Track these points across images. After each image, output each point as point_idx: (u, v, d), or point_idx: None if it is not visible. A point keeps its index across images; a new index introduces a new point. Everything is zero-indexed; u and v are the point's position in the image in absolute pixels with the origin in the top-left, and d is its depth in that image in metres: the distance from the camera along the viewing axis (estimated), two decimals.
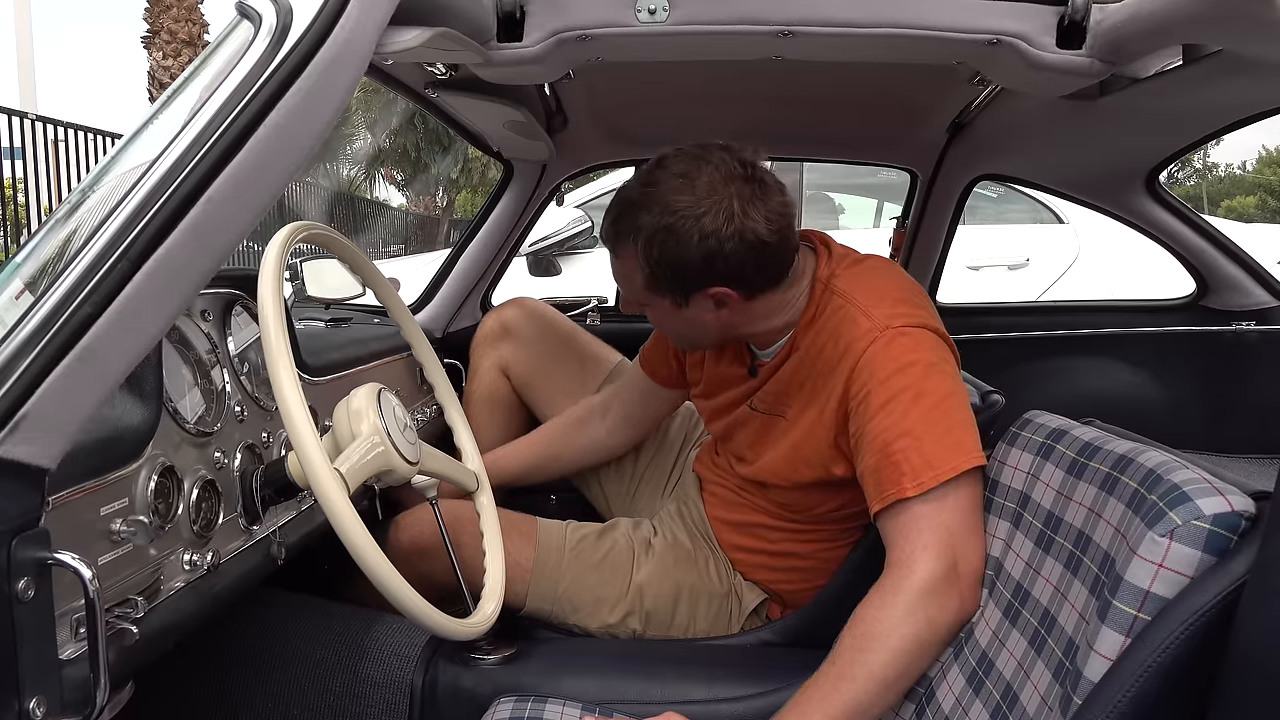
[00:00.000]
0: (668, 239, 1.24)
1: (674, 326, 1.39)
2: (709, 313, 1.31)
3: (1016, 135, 1.96)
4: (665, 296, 1.31)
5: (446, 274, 2.26)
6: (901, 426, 1.17)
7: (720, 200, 1.22)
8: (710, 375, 1.52)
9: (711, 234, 1.22)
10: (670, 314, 1.34)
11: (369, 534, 1.00)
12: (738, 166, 1.24)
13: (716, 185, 1.23)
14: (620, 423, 1.73)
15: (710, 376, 1.52)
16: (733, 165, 1.24)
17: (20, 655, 0.71)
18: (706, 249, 1.23)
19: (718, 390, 1.50)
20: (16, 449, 0.69)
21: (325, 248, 1.23)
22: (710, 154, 1.25)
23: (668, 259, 1.25)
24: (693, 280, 1.27)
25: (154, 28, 15.79)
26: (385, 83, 1.60)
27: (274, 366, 1.00)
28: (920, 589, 1.08)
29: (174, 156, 0.75)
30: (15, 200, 8.65)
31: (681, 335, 1.44)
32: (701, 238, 1.22)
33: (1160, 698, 0.77)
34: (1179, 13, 1.01)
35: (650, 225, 1.24)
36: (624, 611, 1.50)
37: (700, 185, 1.23)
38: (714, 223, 1.22)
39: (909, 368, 1.20)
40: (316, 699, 1.31)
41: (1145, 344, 2.44)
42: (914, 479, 1.14)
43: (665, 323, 1.39)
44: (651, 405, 1.71)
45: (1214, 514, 0.79)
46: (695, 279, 1.27)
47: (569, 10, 1.16)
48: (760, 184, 1.25)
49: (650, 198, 1.25)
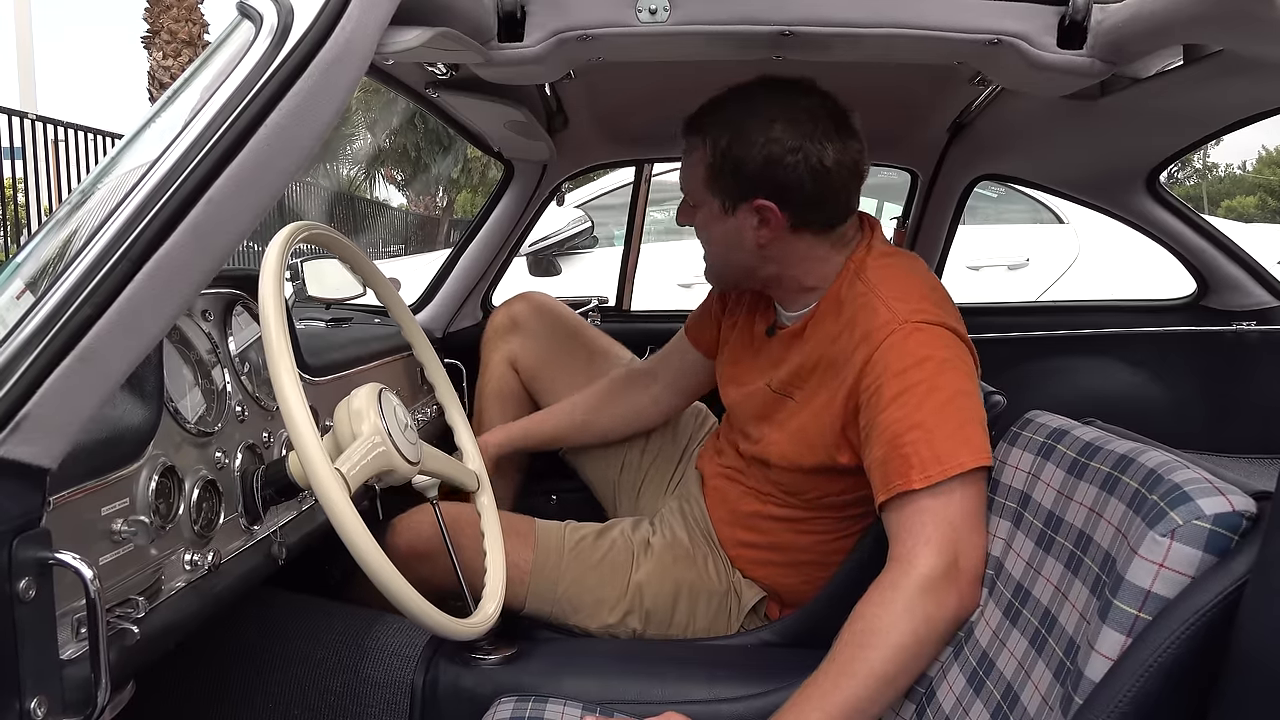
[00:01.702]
0: (737, 134, 1.30)
1: (715, 236, 1.41)
2: (750, 229, 1.35)
3: (1017, 135, 1.96)
4: (717, 198, 1.35)
5: (447, 274, 2.26)
6: (913, 419, 1.17)
7: (800, 120, 1.29)
8: (738, 338, 1.54)
9: (777, 141, 1.29)
10: (715, 219, 1.38)
11: (370, 534, 1.00)
12: (830, 105, 1.32)
13: (802, 108, 1.30)
14: (666, 390, 1.75)
15: (738, 339, 1.54)
16: (825, 102, 1.32)
17: (21, 655, 0.71)
18: (769, 154, 1.29)
19: (741, 355, 1.53)
20: (18, 449, 0.69)
21: (326, 248, 1.23)
22: (810, 87, 1.33)
23: (732, 156, 1.31)
24: (747, 184, 1.32)
25: (154, 28, 15.80)
26: (386, 83, 1.60)
27: (275, 366, 1.00)
28: (920, 585, 1.08)
29: (175, 157, 0.75)
30: (15, 200, 8.65)
31: (719, 250, 1.44)
32: (768, 141, 1.29)
33: (1161, 697, 0.77)
34: (1180, 13, 1.01)
35: (727, 120, 1.31)
36: (624, 611, 1.50)
37: (788, 103, 1.30)
38: (784, 133, 1.29)
39: (925, 362, 1.20)
40: (317, 699, 1.31)
41: (1146, 344, 2.44)
42: (922, 472, 1.14)
43: (709, 230, 1.41)
44: (693, 375, 1.72)
45: (1215, 514, 0.79)
46: (750, 183, 1.31)
47: (569, 10, 1.16)
48: (845, 127, 1.32)
49: (737, 99, 1.33)
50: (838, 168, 1.31)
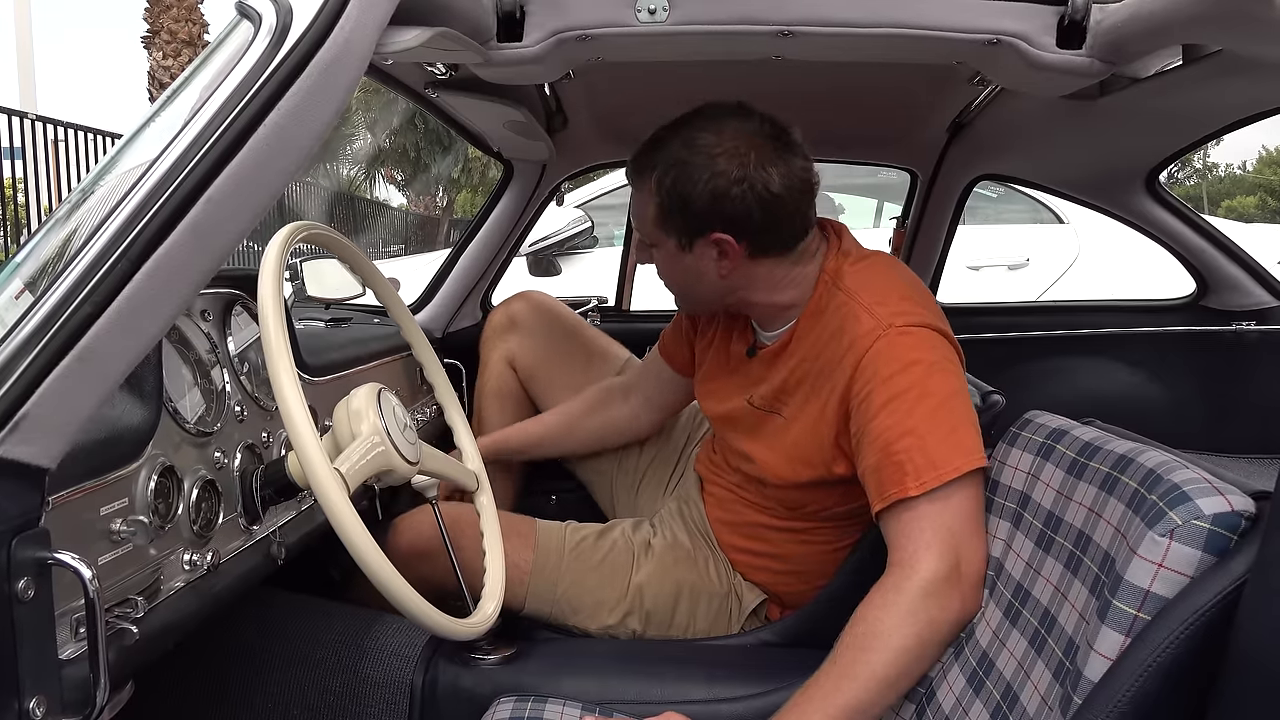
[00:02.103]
0: (680, 173, 1.28)
1: (676, 274, 1.40)
2: (710, 261, 1.33)
3: (1016, 135, 1.96)
4: (671, 236, 1.34)
5: (446, 274, 2.26)
6: (905, 425, 1.17)
7: (740, 148, 1.27)
8: (714, 357, 1.52)
9: (722, 174, 1.26)
10: (674, 258, 1.36)
11: (369, 534, 1.00)
12: (768, 126, 1.29)
13: (741, 135, 1.28)
14: (643, 406, 1.75)
15: (714, 359, 1.52)
16: (763, 124, 1.29)
17: (20, 655, 0.71)
18: (715, 188, 1.27)
19: (719, 374, 1.50)
20: (16, 449, 0.69)
21: (325, 248, 1.23)
22: (747, 111, 1.31)
23: (677, 194, 1.29)
24: (697, 221, 1.30)
25: (154, 28, 15.80)
26: (385, 83, 1.60)
27: (274, 366, 0.99)
28: (922, 589, 1.08)
29: (174, 156, 0.75)
30: (15, 200, 8.65)
31: (683, 286, 1.43)
32: (712, 176, 1.27)
33: (1160, 697, 0.77)
34: (1179, 13, 1.01)
35: (668, 158, 1.30)
36: (624, 612, 1.50)
37: (726, 132, 1.28)
38: (727, 165, 1.26)
39: (912, 366, 1.20)
40: (316, 699, 1.31)
41: (1145, 344, 2.44)
42: (917, 478, 1.13)
43: (669, 268, 1.40)
44: (670, 392, 1.71)
45: (1214, 514, 0.79)
46: (700, 220, 1.30)
47: (569, 10, 1.16)
48: (786, 146, 1.30)
49: (676, 134, 1.31)
50: (786, 191, 1.28)
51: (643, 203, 1.36)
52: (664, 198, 1.30)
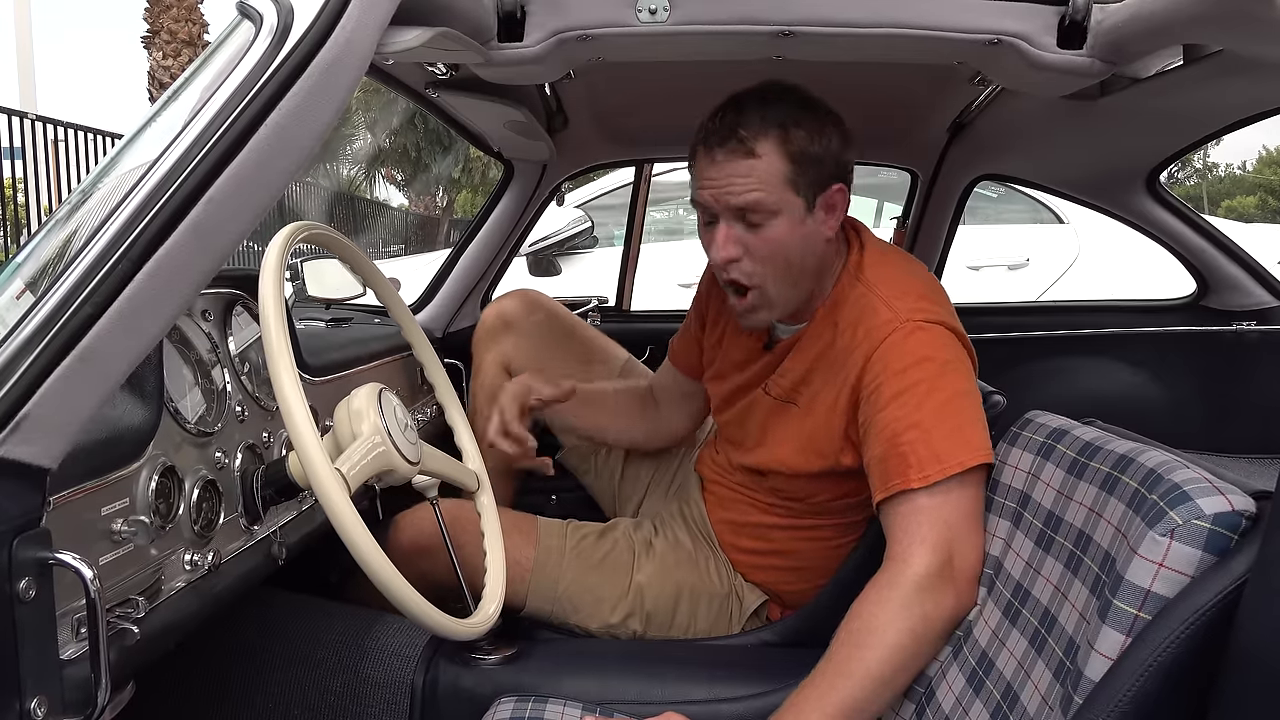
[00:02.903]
0: (811, 127, 1.27)
1: (794, 244, 1.29)
2: (822, 223, 1.30)
3: (1017, 135, 1.96)
4: (801, 196, 1.27)
5: (447, 274, 2.26)
6: (912, 418, 1.17)
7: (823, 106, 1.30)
8: (727, 353, 1.51)
9: (837, 125, 1.30)
10: (797, 224, 1.28)
11: (370, 534, 1.00)
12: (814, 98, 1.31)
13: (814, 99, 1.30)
14: (673, 415, 1.72)
15: (727, 355, 1.51)
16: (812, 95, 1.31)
17: (21, 655, 0.71)
18: (840, 137, 1.29)
19: (731, 372, 1.49)
20: (18, 449, 0.69)
21: (326, 248, 1.23)
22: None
23: (811, 149, 1.27)
24: (826, 174, 1.29)
25: (154, 28, 15.81)
26: (385, 83, 1.60)
27: (275, 366, 0.99)
28: (916, 584, 1.09)
29: (175, 156, 0.75)
30: (15, 200, 8.65)
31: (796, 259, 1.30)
32: (833, 126, 1.29)
33: (1161, 697, 0.77)
34: (1180, 13, 1.01)
35: (788, 115, 1.27)
36: (625, 612, 1.50)
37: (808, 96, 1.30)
38: (828, 115, 1.30)
39: (925, 362, 1.20)
40: (317, 699, 1.31)
41: (1145, 344, 2.44)
42: (919, 471, 1.14)
43: (787, 239, 1.28)
44: (697, 399, 1.68)
45: (1214, 513, 0.79)
46: (828, 173, 1.29)
47: (569, 10, 1.16)
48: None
49: (773, 101, 1.27)
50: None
51: (764, 167, 1.25)
52: (799, 152, 1.26)
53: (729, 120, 1.26)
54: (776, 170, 1.25)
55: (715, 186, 1.27)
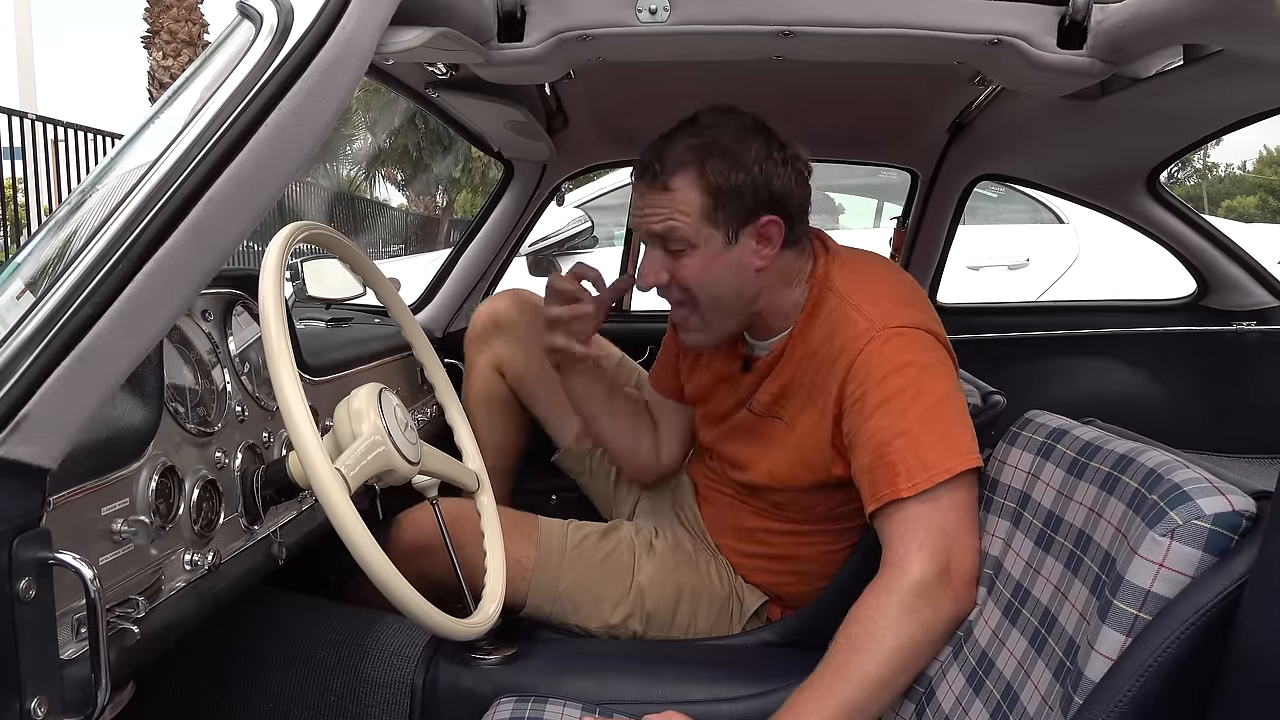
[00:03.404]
0: (731, 159, 1.27)
1: (715, 275, 1.31)
2: (750, 253, 1.30)
3: (1017, 135, 1.96)
4: (719, 229, 1.29)
5: (447, 274, 2.26)
6: (898, 426, 1.17)
7: (762, 131, 1.31)
8: (705, 377, 1.51)
9: (768, 156, 1.29)
10: (716, 256, 1.30)
11: (370, 534, 1.00)
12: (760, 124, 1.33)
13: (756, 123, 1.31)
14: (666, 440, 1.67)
15: (705, 378, 1.50)
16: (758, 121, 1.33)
17: (21, 655, 0.71)
18: (767, 169, 1.28)
19: (712, 394, 1.49)
20: (18, 449, 0.69)
21: (326, 248, 1.23)
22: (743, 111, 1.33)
23: (730, 180, 1.27)
24: (748, 206, 1.28)
25: (154, 28, 15.81)
26: (385, 83, 1.60)
27: (275, 366, 0.99)
28: (913, 589, 1.09)
29: (175, 157, 0.75)
30: (15, 200, 8.65)
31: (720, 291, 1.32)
32: (761, 157, 1.28)
33: (1161, 697, 0.77)
34: (1180, 13, 1.01)
35: (710, 147, 1.27)
36: (625, 613, 1.50)
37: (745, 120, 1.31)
38: (765, 149, 1.29)
39: (906, 368, 1.20)
40: (317, 699, 1.31)
41: (1145, 344, 2.44)
42: (909, 480, 1.14)
43: (708, 271, 1.30)
44: (679, 420, 1.65)
45: (1215, 513, 0.79)
46: (750, 205, 1.29)
47: (569, 10, 1.16)
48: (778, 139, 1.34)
49: (701, 131, 1.29)
50: (808, 170, 1.33)
51: (681, 201, 1.28)
52: (715, 186, 1.27)
53: (652, 154, 1.31)
54: (691, 203, 1.28)
55: (638, 214, 1.34)
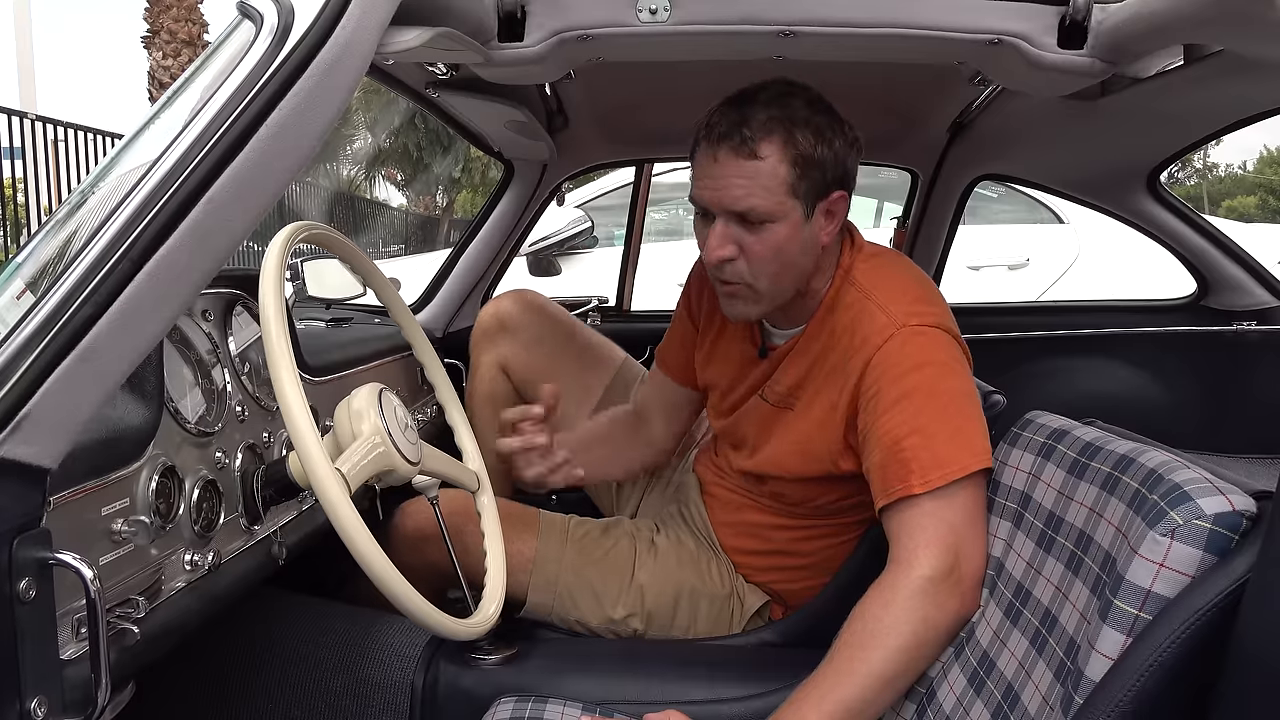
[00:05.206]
0: (818, 130, 1.24)
1: (791, 251, 1.27)
2: (820, 229, 1.28)
3: (1017, 135, 1.96)
4: (801, 201, 1.24)
5: (447, 274, 2.26)
6: (913, 424, 1.17)
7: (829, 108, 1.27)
8: (722, 364, 1.50)
9: (844, 130, 1.27)
10: (795, 230, 1.25)
11: (370, 534, 0.99)
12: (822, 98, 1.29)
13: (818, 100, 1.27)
14: (660, 431, 1.67)
15: (722, 366, 1.50)
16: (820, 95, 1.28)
17: (21, 655, 0.71)
18: (846, 142, 1.27)
19: (728, 378, 1.49)
20: (18, 449, 0.69)
21: (326, 248, 1.23)
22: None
23: (815, 153, 1.24)
24: (826, 179, 1.26)
25: (154, 28, 15.80)
26: (386, 83, 1.60)
27: (275, 366, 0.99)
28: (920, 587, 1.08)
29: (175, 157, 0.75)
30: (15, 200, 8.65)
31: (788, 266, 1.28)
32: (840, 131, 1.26)
33: (1162, 697, 0.77)
34: (1180, 13, 1.01)
35: (795, 117, 1.23)
36: (626, 609, 1.50)
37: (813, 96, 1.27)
38: (837, 123, 1.26)
39: (924, 366, 1.20)
40: (317, 699, 1.31)
41: (1146, 344, 2.44)
42: (922, 477, 1.14)
43: (785, 245, 1.26)
44: (684, 406, 1.65)
45: (1215, 513, 0.79)
46: (829, 179, 1.26)
47: (570, 10, 1.16)
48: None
49: (779, 101, 1.24)
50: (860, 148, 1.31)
51: (766, 171, 1.22)
52: (801, 156, 1.22)
53: (734, 117, 1.22)
54: (778, 174, 1.22)
55: (714, 187, 1.25)
